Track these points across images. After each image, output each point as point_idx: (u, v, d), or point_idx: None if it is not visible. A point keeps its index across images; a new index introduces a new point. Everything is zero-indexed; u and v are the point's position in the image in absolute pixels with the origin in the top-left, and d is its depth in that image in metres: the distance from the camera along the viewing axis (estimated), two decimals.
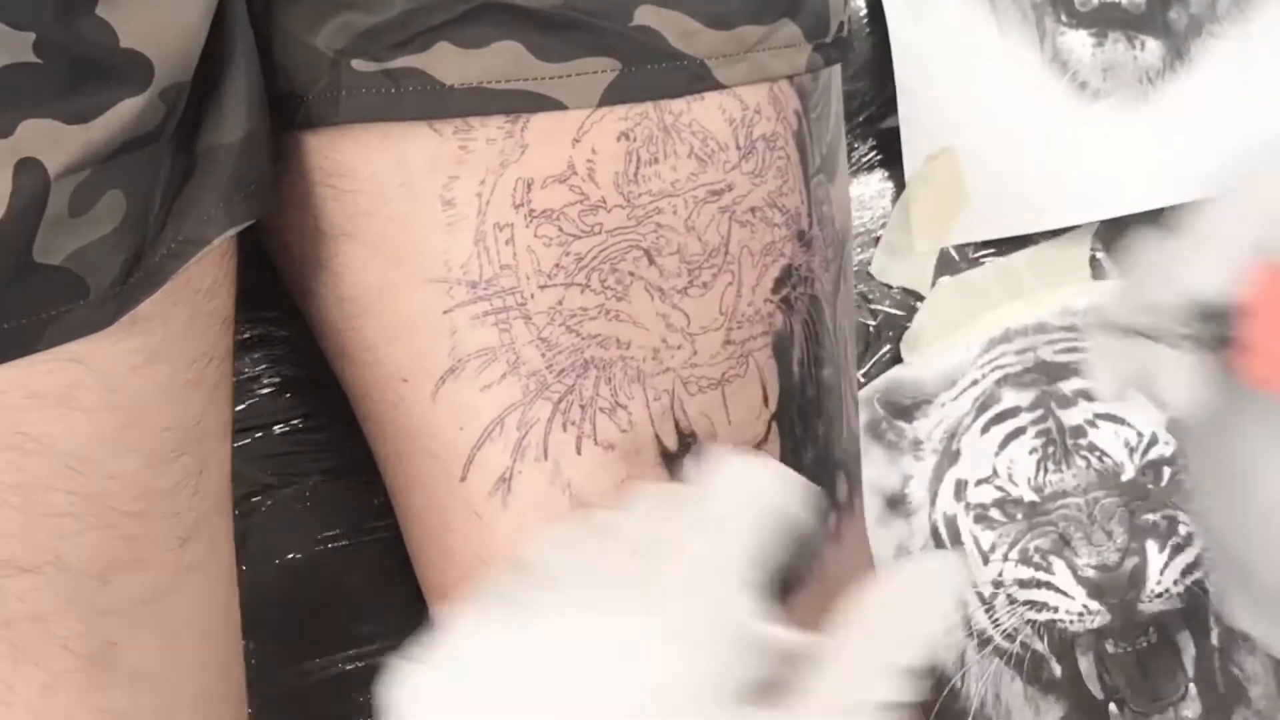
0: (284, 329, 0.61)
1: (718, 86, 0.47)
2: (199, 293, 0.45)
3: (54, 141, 0.39)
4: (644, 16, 0.46)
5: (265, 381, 0.61)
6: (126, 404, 0.42)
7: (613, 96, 0.46)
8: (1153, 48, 0.73)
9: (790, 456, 0.50)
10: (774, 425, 0.50)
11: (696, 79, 0.47)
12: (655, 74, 0.46)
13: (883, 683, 0.34)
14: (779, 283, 0.48)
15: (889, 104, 0.71)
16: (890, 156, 0.72)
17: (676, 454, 0.48)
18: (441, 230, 0.47)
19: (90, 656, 0.42)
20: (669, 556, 0.35)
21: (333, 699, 0.47)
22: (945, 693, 0.72)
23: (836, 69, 0.53)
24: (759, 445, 0.50)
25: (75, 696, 0.42)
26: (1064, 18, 0.72)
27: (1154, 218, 0.73)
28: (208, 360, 0.46)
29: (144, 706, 0.44)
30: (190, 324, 0.44)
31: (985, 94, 0.72)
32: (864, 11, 0.70)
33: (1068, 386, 0.75)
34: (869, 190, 0.73)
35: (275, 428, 0.61)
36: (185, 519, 0.45)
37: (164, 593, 0.44)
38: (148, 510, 0.44)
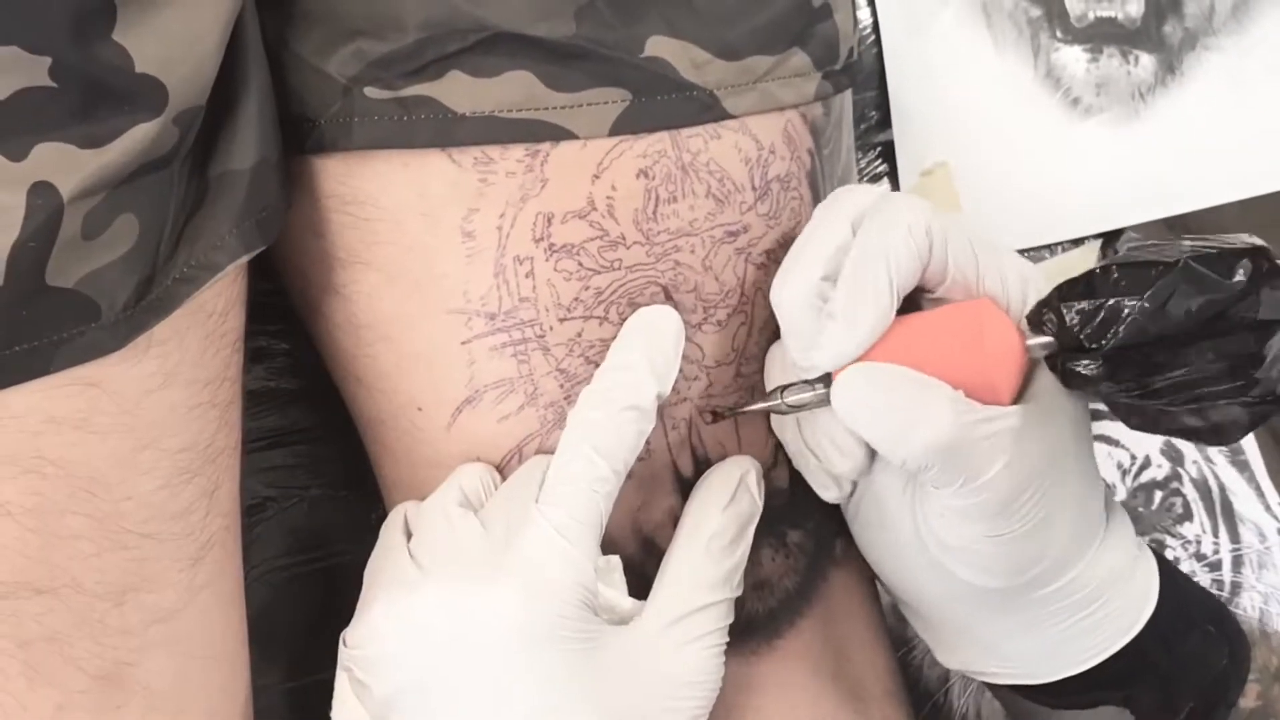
0: (285, 341, 0.61)
1: (726, 116, 0.47)
2: (212, 315, 0.45)
3: (68, 165, 0.39)
4: (655, 47, 0.46)
5: (266, 394, 0.61)
6: (143, 426, 0.43)
7: (624, 126, 0.46)
8: (1146, 62, 0.73)
9: (796, 480, 0.50)
10: (780, 452, 0.51)
11: (705, 109, 0.47)
12: (666, 104, 0.46)
13: (701, 593, 0.45)
14: None
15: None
16: (896, 167, 0.71)
17: (692, 479, 0.49)
18: (461, 262, 0.47)
19: (104, 677, 0.43)
20: (520, 530, 0.43)
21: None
22: (928, 708, 0.72)
23: (848, 95, 0.54)
24: (768, 471, 0.50)
25: (89, 716, 0.42)
26: (1059, 34, 0.72)
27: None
28: (220, 381, 0.46)
29: None
30: (204, 346, 0.44)
31: (979, 110, 0.72)
32: (866, 24, 0.70)
33: None
34: None
35: (276, 440, 0.61)
36: (198, 539, 0.45)
37: (176, 613, 0.45)
38: (161, 531, 0.44)
